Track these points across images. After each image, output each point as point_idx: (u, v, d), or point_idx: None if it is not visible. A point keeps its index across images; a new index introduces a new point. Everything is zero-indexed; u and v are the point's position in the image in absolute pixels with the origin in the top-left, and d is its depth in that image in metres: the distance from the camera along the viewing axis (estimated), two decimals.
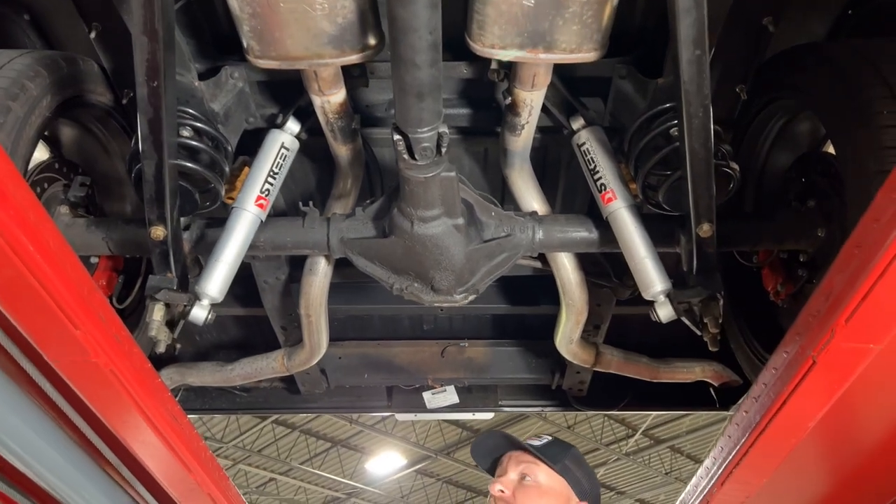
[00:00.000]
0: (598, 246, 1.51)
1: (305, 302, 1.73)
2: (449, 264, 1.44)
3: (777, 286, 1.57)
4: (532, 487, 1.40)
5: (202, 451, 1.41)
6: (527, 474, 1.41)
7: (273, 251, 1.55)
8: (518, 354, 2.26)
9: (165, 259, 1.38)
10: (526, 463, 1.43)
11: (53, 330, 0.93)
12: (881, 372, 1.06)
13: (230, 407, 2.43)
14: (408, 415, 2.41)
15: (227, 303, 2.12)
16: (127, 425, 1.17)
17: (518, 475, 1.42)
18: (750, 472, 1.28)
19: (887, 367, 1.05)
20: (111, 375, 1.04)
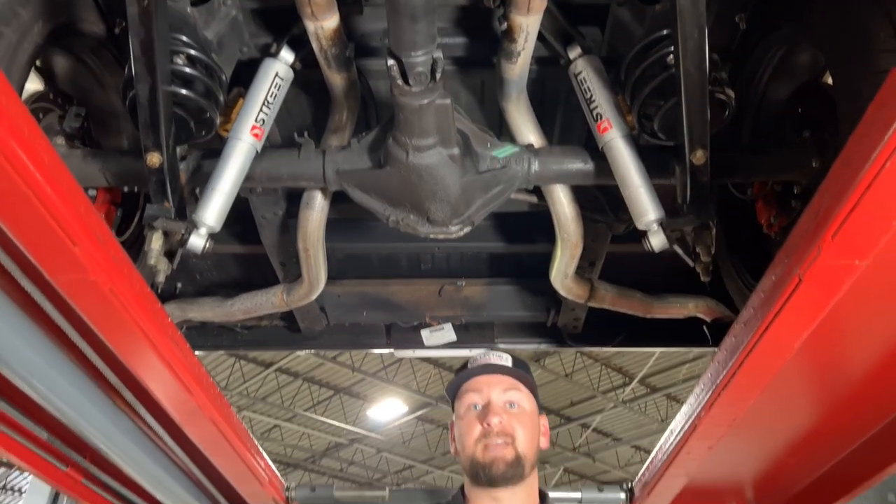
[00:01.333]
0: (593, 178, 1.51)
1: (303, 236, 1.74)
2: (444, 195, 1.45)
3: (770, 219, 1.58)
4: (522, 415, 1.41)
5: (203, 377, 1.45)
6: (513, 401, 1.41)
7: (269, 183, 1.56)
8: (514, 293, 2.29)
9: (162, 188, 1.39)
10: (510, 389, 1.42)
11: (51, 244, 0.94)
12: (866, 291, 1.08)
13: (232, 344, 2.47)
14: (406, 351, 2.45)
15: (227, 240, 2.15)
16: (128, 346, 1.20)
17: (502, 401, 1.41)
18: (736, 394, 1.31)
19: (872, 286, 1.07)
20: (111, 295, 1.06)
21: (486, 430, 1.37)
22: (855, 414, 1.68)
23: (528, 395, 1.44)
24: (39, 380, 1.33)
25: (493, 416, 1.37)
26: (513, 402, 1.41)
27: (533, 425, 1.42)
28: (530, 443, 1.39)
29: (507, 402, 1.41)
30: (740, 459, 2.03)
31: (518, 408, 1.41)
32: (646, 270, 2.10)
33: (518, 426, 1.39)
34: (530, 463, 1.39)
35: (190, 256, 2.27)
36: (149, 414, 1.55)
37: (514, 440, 1.37)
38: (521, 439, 1.37)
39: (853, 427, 1.76)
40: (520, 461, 1.36)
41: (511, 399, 1.41)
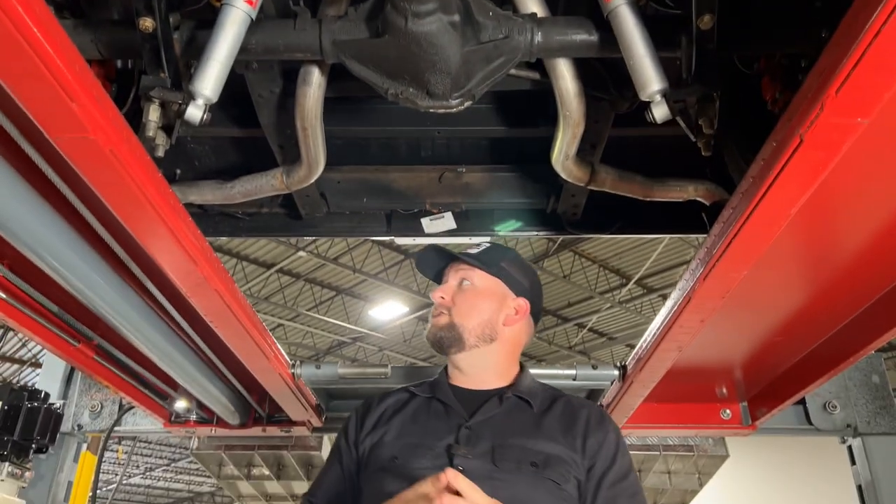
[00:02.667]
0: (598, 49, 1.48)
1: (301, 114, 1.72)
2: (444, 66, 1.42)
3: (776, 94, 1.56)
4: (468, 290, 1.56)
5: (207, 249, 1.47)
6: (464, 279, 1.57)
7: (264, 55, 1.52)
8: (515, 179, 2.28)
9: (157, 57, 1.36)
10: (463, 270, 1.59)
11: (48, 100, 0.93)
12: (865, 154, 1.08)
13: (233, 231, 2.49)
14: (406, 239, 2.48)
15: (225, 123, 2.12)
16: (131, 211, 1.21)
17: (456, 281, 1.58)
18: (731, 264, 1.34)
19: (871, 149, 1.07)
20: (111, 156, 1.06)
21: (434, 304, 1.58)
22: (843, 292, 1.73)
23: (483, 276, 1.58)
24: (47, 250, 1.36)
25: (436, 292, 1.58)
26: (464, 278, 1.58)
27: (478, 301, 1.55)
28: (468, 315, 1.53)
29: (457, 280, 1.58)
30: (730, 339, 2.10)
31: (468, 284, 1.57)
32: (647, 155, 2.09)
33: (459, 300, 1.55)
34: (474, 333, 1.52)
35: (188, 141, 2.26)
36: (155, 287, 1.59)
37: (450, 311, 1.54)
38: (457, 310, 1.53)
39: (840, 306, 1.81)
40: (453, 327, 1.51)
41: (462, 277, 1.59)
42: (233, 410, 2.38)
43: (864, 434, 2.59)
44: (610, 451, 1.39)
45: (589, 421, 1.43)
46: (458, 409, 1.46)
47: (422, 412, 1.49)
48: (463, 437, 1.39)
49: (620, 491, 1.34)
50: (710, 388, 2.52)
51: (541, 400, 1.49)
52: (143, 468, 19.92)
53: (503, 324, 1.55)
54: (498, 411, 1.44)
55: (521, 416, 1.44)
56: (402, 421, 1.47)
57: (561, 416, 1.44)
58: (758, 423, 2.45)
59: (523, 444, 1.36)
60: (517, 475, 1.30)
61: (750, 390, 2.49)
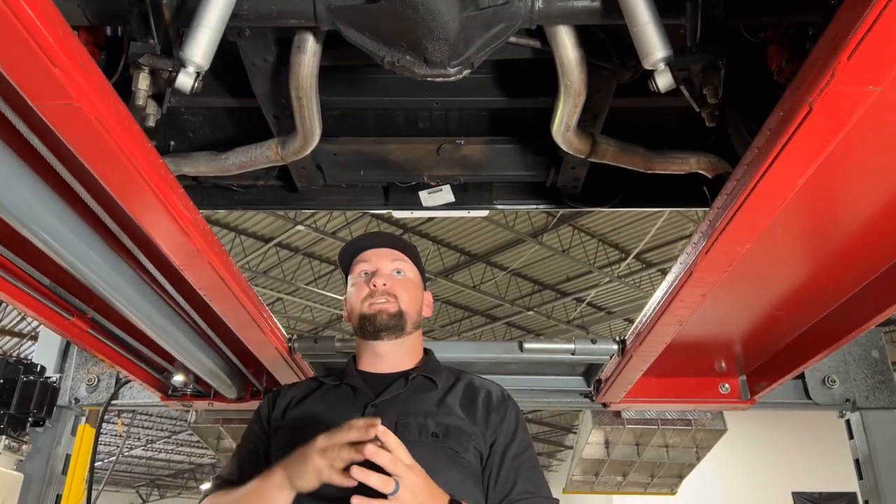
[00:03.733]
0: (600, 16, 1.43)
1: (295, 83, 1.68)
2: (442, 33, 1.38)
3: (782, 63, 1.52)
4: (407, 280, 1.64)
5: (200, 222, 1.44)
6: (400, 269, 1.64)
7: (257, 21, 1.48)
8: (514, 151, 2.25)
9: (146, 23, 1.32)
10: (398, 260, 1.66)
11: (30, 65, 0.90)
12: (874, 124, 1.05)
13: (229, 203, 2.46)
14: (405, 212, 2.45)
15: (219, 93, 2.08)
16: (119, 182, 1.18)
17: (391, 270, 1.63)
18: (735, 237, 1.32)
19: (881, 119, 1.04)
20: (97, 125, 1.03)
21: (373, 290, 1.57)
22: (845, 267, 1.71)
23: (412, 267, 1.67)
24: (36, 223, 1.33)
25: (379, 279, 1.59)
26: (398, 269, 1.64)
27: (416, 292, 1.64)
28: (412, 304, 1.60)
29: (393, 269, 1.63)
30: (731, 313, 2.08)
31: (403, 275, 1.63)
32: (648, 126, 2.06)
33: (401, 289, 1.60)
34: (412, 321, 1.59)
35: (181, 112, 2.22)
36: (148, 261, 1.56)
37: (396, 298, 1.58)
38: (403, 299, 1.59)
39: (842, 281, 1.79)
40: (402, 315, 1.57)
41: (397, 267, 1.64)
42: (230, 384, 2.37)
43: (862, 408, 2.60)
44: (511, 427, 1.46)
45: (490, 398, 1.50)
46: (365, 390, 1.52)
47: (330, 396, 1.54)
48: (368, 414, 1.43)
49: (522, 462, 1.42)
50: (709, 363, 2.51)
51: (444, 379, 1.55)
52: (143, 440, 20.11)
53: (423, 313, 1.66)
54: (404, 390, 1.50)
55: (426, 394, 1.50)
56: (311, 404, 1.53)
57: (463, 393, 1.51)
58: (756, 398, 2.45)
59: (425, 417, 1.43)
60: (418, 445, 1.32)
61: (749, 365, 2.48)
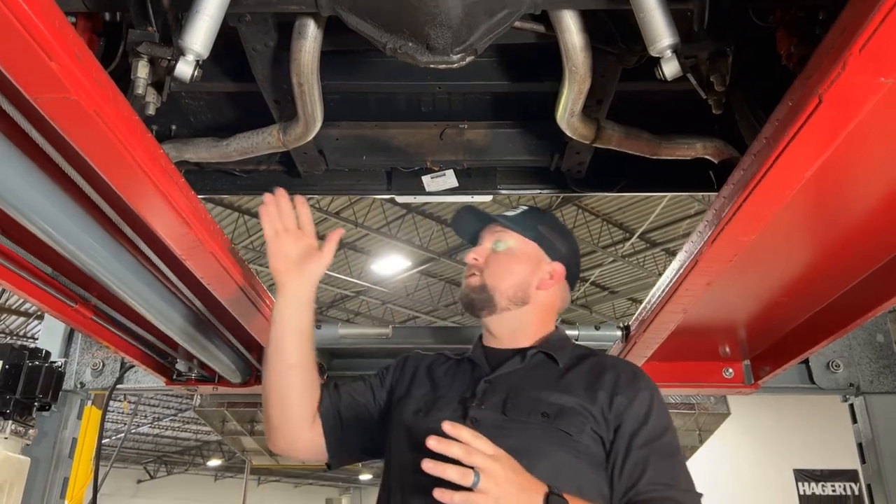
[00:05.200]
0: (605, 0, 1.41)
1: (296, 69, 1.66)
2: (445, 19, 1.35)
3: (791, 48, 1.49)
4: (502, 253, 1.54)
5: (202, 211, 1.44)
6: (498, 241, 1.55)
7: (257, 7, 1.45)
8: (518, 136, 2.22)
9: (144, 9, 1.30)
10: (498, 232, 1.57)
11: (24, 57, 0.88)
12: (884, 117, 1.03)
13: (231, 189, 2.44)
14: (408, 197, 2.43)
15: (219, 78, 2.05)
16: (119, 174, 1.17)
17: (491, 243, 1.56)
18: (741, 228, 1.30)
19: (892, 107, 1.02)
20: (96, 117, 1.02)
21: (467, 266, 1.56)
22: (851, 254, 1.69)
23: (517, 238, 1.56)
24: (35, 212, 1.32)
25: (470, 253, 1.55)
26: (497, 240, 1.55)
27: (512, 264, 1.54)
28: (502, 277, 1.51)
29: (492, 242, 1.56)
30: (735, 299, 2.07)
31: (503, 246, 1.55)
32: (653, 111, 2.03)
33: (492, 262, 1.53)
34: (506, 296, 1.50)
35: (182, 97, 2.20)
36: (149, 248, 1.55)
37: (482, 272, 1.52)
38: (490, 272, 1.52)
39: (849, 268, 1.77)
40: (484, 289, 1.50)
41: (496, 239, 1.56)
42: (234, 369, 2.38)
43: (866, 393, 2.59)
44: (642, 410, 1.29)
45: (619, 378, 1.35)
46: (483, 364, 1.47)
47: (451, 370, 1.51)
48: (480, 390, 1.39)
49: (654, 451, 1.24)
50: (712, 347, 2.51)
51: (568, 357, 1.44)
52: (150, 418, 20.32)
53: (536, 287, 1.53)
54: (520, 366, 1.44)
55: (544, 372, 1.41)
56: (431, 377, 1.50)
57: (587, 372, 1.38)
58: (761, 382, 2.44)
59: (538, 395, 1.34)
60: (525, 425, 1.29)
61: (753, 349, 2.48)
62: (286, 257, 1.46)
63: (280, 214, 1.51)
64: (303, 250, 1.48)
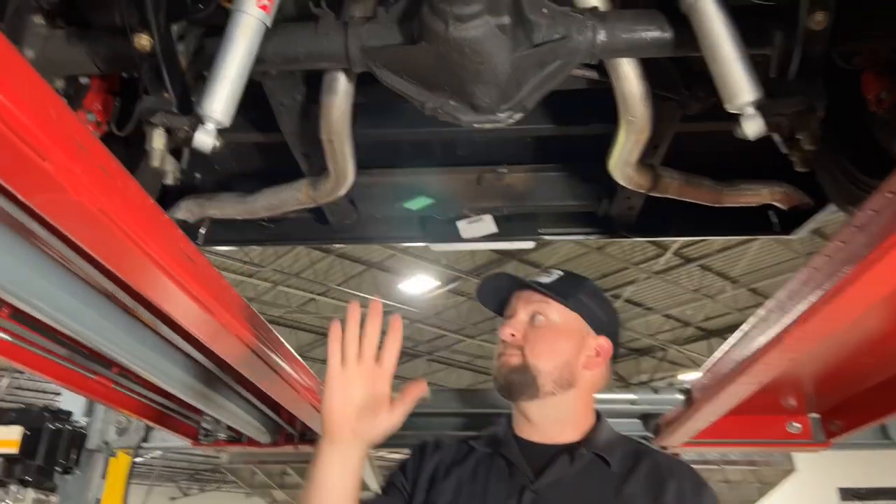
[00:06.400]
0: (672, 48, 1.25)
1: (326, 126, 1.53)
2: (491, 76, 1.21)
3: (881, 93, 1.32)
4: (543, 327, 1.32)
5: (225, 291, 1.30)
6: (537, 313, 1.33)
7: (284, 65, 1.32)
8: (562, 180, 2.07)
9: (158, 75, 1.18)
10: (536, 302, 1.34)
11: (13, 160, 0.75)
12: None
13: (259, 238, 2.32)
14: (443, 245, 2.29)
15: (244, 128, 1.93)
16: (133, 270, 1.04)
17: (528, 316, 1.34)
18: (840, 309, 1.13)
19: None
20: (101, 215, 0.88)
21: (501, 343, 1.33)
22: None
23: (559, 309, 1.33)
24: (45, 301, 1.20)
25: (506, 328, 1.32)
26: (537, 313, 1.32)
27: (558, 340, 1.32)
28: (548, 356, 1.30)
29: (530, 314, 1.34)
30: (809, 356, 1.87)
31: (543, 319, 1.32)
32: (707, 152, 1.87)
33: (534, 338, 1.31)
34: (552, 378, 1.29)
35: None
36: (172, 332, 1.43)
37: (523, 350, 1.30)
38: (533, 350, 1.30)
39: None
40: (527, 369, 1.28)
41: (535, 311, 1.33)
42: (263, 430, 2.25)
43: None
44: None
45: (682, 491, 1.19)
46: (523, 467, 1.25)
47: (482, 470, 1.28)
48: (526, 502, 1.19)
49: None
50: (774, 399, 2.31)
51: (621, 457, 1.26)
52: None
53: (583, 367, 1.32)
54: (569, 471, 1.24)
55: (598, 480, 1.23)
56: (460, 479, 1.27)
57: (646, 482, 1.21)
58: (833, 440, 2.24)
59: None
60: None
61: (823, 403, 2.28)
62: (348, 399, 1.10)
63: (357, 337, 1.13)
64: (371, 397, 1.11)
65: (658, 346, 14.50)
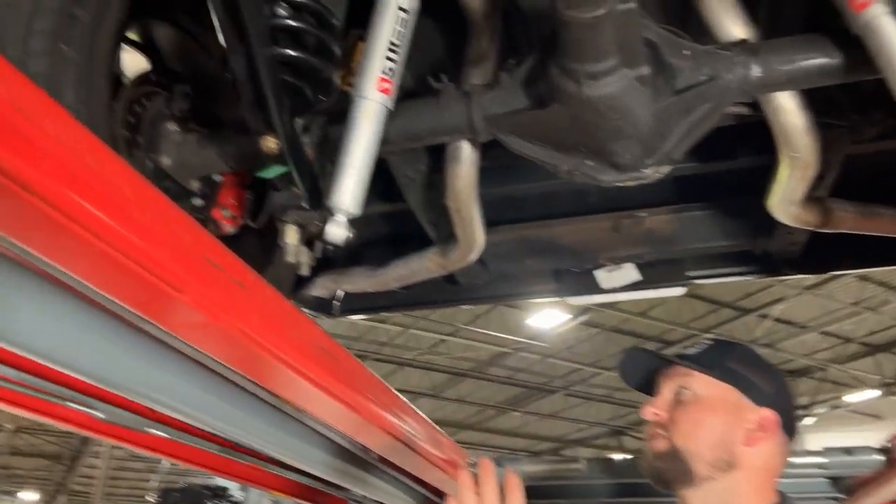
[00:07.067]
0: (842, 74, 1.08)
1: (452, 195, 1.47)
2: (633, 130, 1.10)
3: None
4: (689, 403, 1.17)
5: (367, 382, 1.25)
6: (682, 388, 1.18)
7: (407, 143, 1.28)
8: (710, 219, 1.88)
9: (287, 173, 1.16)
10: (680, 376, 1.20)
11: (148, 296, 0.73)
12: None
13: (391, 304, 2.30)
14: (581, 298, 2.15)
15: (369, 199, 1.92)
16: (276, 380, 1.00)
17: (672, 392, 1.20)
18: None
19: None
20: (242, 336, 0.85)
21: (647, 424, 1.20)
22: None
23: (707, 381, 1.18)
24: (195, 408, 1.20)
25: (648, 408, 1.20)
26: (682, 387, 1.19)
27: (706, 414, 1.17)
28: (698, 435, 1.15)
29: (674, 390, 1.20)
30: None
31: (689, 394, 1.18)
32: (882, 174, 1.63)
33: (680, 416, 1.17)
34: (702, 460, 1.14)
35: None
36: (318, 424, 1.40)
37: (668, 431, 1.17)
38: (679, 430, 1.16)
39: None
40: (675, 454, 1.15)
41: (679, 385, 1.19)
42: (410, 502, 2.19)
43: None
44: None
45: None
46: None
47: None
48: None
49: None
50: None
51: None
52: None
53: (743, 444, 1.16)
54: None
55: None
56: None
57: None
58: None
59: None
60: None
61: None
62: None
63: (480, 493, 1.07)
64: None
65: (816, 367, 13.32)
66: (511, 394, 15.69)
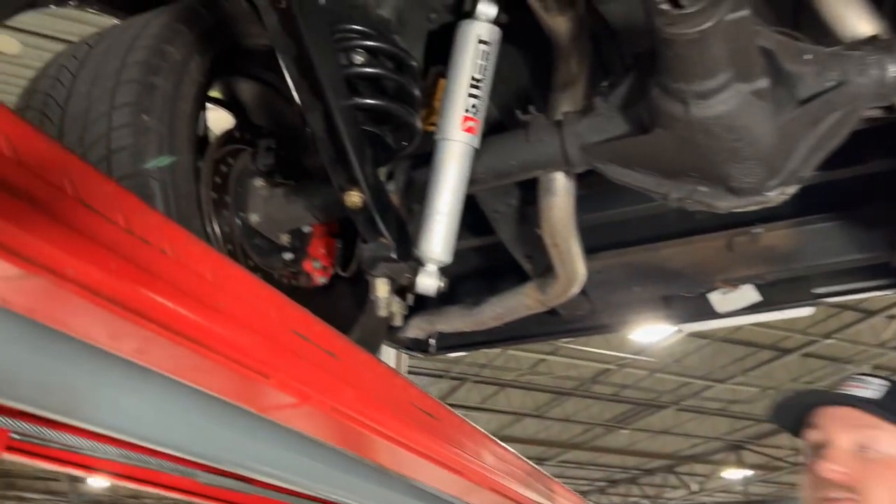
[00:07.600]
0: None
1: (549, 229, 1.38)
2: (752, 151, 0.97)
3: None
4: (880, 463, 1.00)
5: (470, 437, 1.17)
6: (866, 445, 1.02)
7: (496, 181, 1.20)
8: (836, 230, 1.69)
9: (373, 224, 1.11)
10: (862, 428, 1.03)
11: (237, 384, 0.68)
12: None
13: (488, 340, 2.22)
14: (695, 325, 1.99)
15: (461, 236, 1.86)
16: (374, 450, 0.94)
17: (852, 444, 1.03)
18: None
19: None
20: (334, 412, 0.79)
21: (819, 480, 1.02)
22: None
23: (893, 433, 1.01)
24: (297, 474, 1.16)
25: (827, 462, 1.02)
26: (865, 443, 1.02)
27: None
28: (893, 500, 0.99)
29: (854, 443, 1.02)
30: None
31: (874, 452, 1.01)
32: None
33: (871, 477, 1.00)
34: None
35: None
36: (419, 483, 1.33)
37: (855, 493, 1.00)
38: (874, 496, 1.00)
39: None
40: None
41: (861, 440, 1.02)
42: None
43: None
44: None
45: None
46: None
47: None
48: None
49: None
50: None
51: None
52: None
53: None
54: None
55: None
56: None
57: None
58: None
59: None
60: None
61: None
62: None
63: None
64: None
65: None
66: (619, 411, 15.17)
